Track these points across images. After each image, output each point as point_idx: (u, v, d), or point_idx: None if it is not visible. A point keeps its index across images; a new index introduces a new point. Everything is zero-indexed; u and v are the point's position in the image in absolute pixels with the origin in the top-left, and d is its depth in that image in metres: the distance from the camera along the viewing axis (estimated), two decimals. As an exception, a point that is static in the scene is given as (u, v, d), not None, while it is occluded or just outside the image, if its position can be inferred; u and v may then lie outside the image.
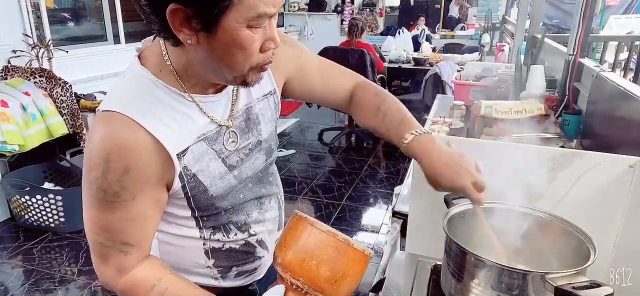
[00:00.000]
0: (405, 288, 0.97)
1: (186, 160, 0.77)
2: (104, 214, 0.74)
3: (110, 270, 0.79)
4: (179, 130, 0.76)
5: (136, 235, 0.77)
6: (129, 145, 0.71)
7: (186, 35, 0.67)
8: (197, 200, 0.82)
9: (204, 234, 0.88)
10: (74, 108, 3.23)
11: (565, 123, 1.71)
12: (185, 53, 0.73)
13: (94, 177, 0.71)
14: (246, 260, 0.95)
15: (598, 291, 0.68)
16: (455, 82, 2.56)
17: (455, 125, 2.05)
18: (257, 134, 0.89)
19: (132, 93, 0.75)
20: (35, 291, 2.42)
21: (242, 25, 0.67)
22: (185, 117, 0.77)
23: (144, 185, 0.74)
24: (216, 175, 0.82)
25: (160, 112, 0.74)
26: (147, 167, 0.73)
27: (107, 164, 0.70)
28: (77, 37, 5.07)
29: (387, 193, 3.60)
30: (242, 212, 0.90)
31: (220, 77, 0.76)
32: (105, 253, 0.77)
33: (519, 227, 0.93)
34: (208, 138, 0.80)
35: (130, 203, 0.74)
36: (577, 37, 1.81)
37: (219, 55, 0.70)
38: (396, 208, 1.35)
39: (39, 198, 2.88)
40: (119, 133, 0.70)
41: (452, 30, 7.29)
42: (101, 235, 0.76)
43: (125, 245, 0.76)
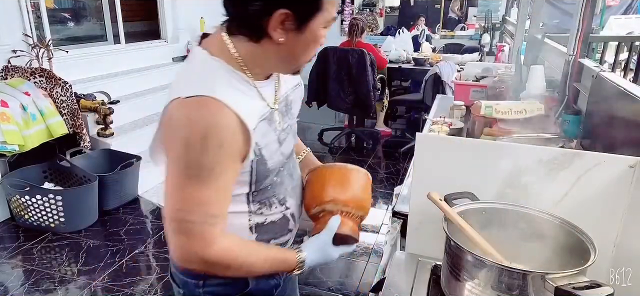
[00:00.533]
0: (405, 288, 0.97)
1: (256, 136, 0.88)
2: (198, 190, 0.82)
3: (198, 243, 0.85)
4: (250, 111, 0.87)
5: (222, 206, 0.88)
6: (221, 123, 0.80)
7: (279, 34, 0.82)
8: (258, 173, 0.93)
9: (251, 208, 0.98)
10: (74, 108, 3.24)
11: (565, 123, 1.71)
12: (262, 48, 0.86)
13: (193, 156, 0.80)
14: (282, 232, 1.06)
15: (598, 291, 0.68)
16: (455, 82, 2.56)
17: (455, 125, 2.05)
18: (291, 118, 1.04)
19: (213, 79, 0.84)
20: (35, 291, 2.42)
21: (322, 26, 0.85)
22: (251, 99, 0.89)
23: (230, 159, 0.84)
24: (273, 150, 0.94)
25: (235, 95, 0.85)
26: (234, 142, 0.83)
27: (204, 142, 0.79)
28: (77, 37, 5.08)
29: (387, 193, 3.60)
30: (282, 186, 1.02)
31: (285, 68, 0.92)
32: (193, 230, 0.84)
33: (518, 227, 0.93)
34: (267, 118, 0.93)
35: (221, 177, 0.84)
36: (577, 37, 1.82)
37: (299, 49, 0.86)
38: (396, 208, 1.35)
39: (39, 198, 2.88)
40: (214, 114, 0.80)
41: (452, 31, 7.29)
42: (194, 211, 0.83)
43: (213, 216, 0.85)
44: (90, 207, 3.04)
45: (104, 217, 3.17)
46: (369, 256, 2.76)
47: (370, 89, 4.25)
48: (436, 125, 2.00)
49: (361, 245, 2.90)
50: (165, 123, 0.84)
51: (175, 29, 5.18)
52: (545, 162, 0.98)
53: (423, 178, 1.08)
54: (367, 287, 2.43)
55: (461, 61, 4.41)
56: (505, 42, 4.22)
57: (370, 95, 4.28)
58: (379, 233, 3.02)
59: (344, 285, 2.49)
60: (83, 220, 3.03)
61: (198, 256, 0.86)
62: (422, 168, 1.08)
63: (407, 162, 4.07)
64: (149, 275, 2.57)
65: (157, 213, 3.29)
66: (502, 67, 2.61)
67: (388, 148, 4.71)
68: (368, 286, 2.42)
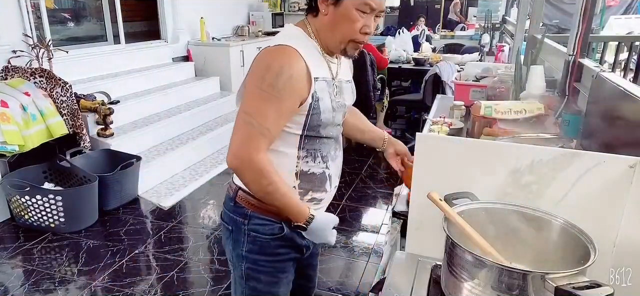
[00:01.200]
0: (405, 288, 0.97)
1: (317, 86, 1.13)
2: (264, 104, 1.08)
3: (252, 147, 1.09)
4: (315, 67, 1.13)
5: (275, 124, 1.11)
6: (294, 63, 1.08)
7: (324, 7, 1.12)
8: (313, 119, 1.15)
9: (300, 154, 1.19)
10: (74, 109, 3.23)
11: (565, 123, 1.70)
12: (319, 20, 1.15)
13: (269, 77, 1.07)
14: (320, 187, 1.25)
15: (598, 291, 0.68)
16: (455, 82, 2.56)
17: (455, 125, 2.05)
18: (343, 100, 1.25)
19: (292, 39, 1.13)
20: (35, 291, 2.42)
21: (354, 6, 1.09)
22: (318, 62, 1.16)
23: (296, 91, 1.09)
24: (327, 106, 1.16)
25: (307, 52, 1.12)
26: (300, 80, 1.09)
27: (281, 69, 1.06)
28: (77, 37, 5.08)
29: (387, 193, 3.60)
30: (327, 146, 1.23)
31: (332, 41, 1.15)
32: (252, 134, 1.09)
33: (518, 227, 0.93)
34: (327, 81, 1.17)
35: (282, 101, 1.08)
36: (577, 37, 1.81)
37: (337, 23, 1.11)
38: (396, 208, 1.35)
39: (39, 198, 2.88)
40: (290, 55, 1.08)
41: (452, 31, 7.29)
42: (257, 119, 1.08)
43: (267, 129, 1.09)
44: (90, 207, 3.04)
45: (104, 217, 3.16)
46: (369, 256, 2.76)
47: (370, 89, 4.25)
48: (436, 125, 2.00)
49: (361, 245, 2.90)
50: (254, 61, 1.12)
51: (175, 29, 5.18)
52: (545, 162, 0.98)
53: (423, 178, 1.08)
54: (367, 287, 2.43)
55: (461, 61, 4.41)
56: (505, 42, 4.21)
57: (370, 95, 4.27)
58: (379, 233, 3.02)
59: (344, 285, 2.49)
60: (83, 220, 3.03)
61: (245, 155, 1.10)
62: (422, 168, 1.08)
63: (407, 162, 4.06)
64: (149, 275, 2.57)
65: (157, 213, 3.29)
66: (502, 67, 2.61)
67: (388, 148, 4.71)
68: (368, 286, 2.42)
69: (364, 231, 3.12)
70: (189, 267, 2.64)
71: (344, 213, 3.28)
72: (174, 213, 3.29)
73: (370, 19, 1.11)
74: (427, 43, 5.90)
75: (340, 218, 3.18)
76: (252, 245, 1.24)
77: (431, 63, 4.86)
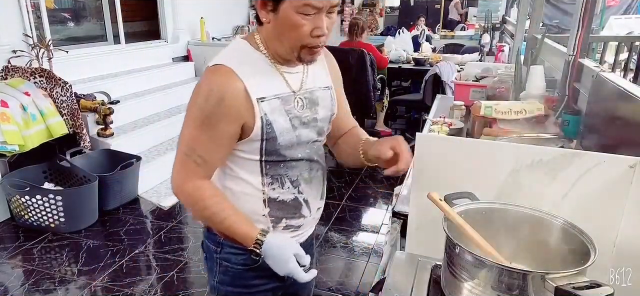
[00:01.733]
0: (405, 288, 0.97)
1: (265, 108, 1.02)
2: (195, 130, 1.01)
3: (182, 174, 1.04)
4: (263, 85, 1.03)
5: (210, 152, 1.03)
6: (226, 84, 0.99)
7: (263, 15, 1.00)
8: (268, 144, 1.05)
9: (264, 181, 1.09)
10: (74, 108, 3.23)
11: (565, 123, 1.71)
12: (265, 30, 1.03)
13: (197, 101, 1.00)
14: (294, 214, 1.14)
15: (598, 291, 0.68)
16: (455, 82, 2.56)
17: (455, 125, 2.05)
18: (315, 113, 1.12)
19: (233, 55, 1.04)
20: (35, 291, 2.42)
21: (293, 10, 0.94)
22: (269, 78, 1.05)
23: (229, 116, 1.00)
24: (284, 128, 1.05)
25: (251, 70, 1.02)
26: (234, 103, 0.99)
27: (209, 93, 0.99)
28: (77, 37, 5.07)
29: (387, 193, 3.60)
30: (296, 169, 1.11)
31: (283, 50, 1.02)
32: (185, 161, 1.04)
33: (518, 227, 0.93)
34: (282, 98, 1.05)
35: (214, 127, 1.00)
36: (577, 37, 1.81)
37: (281, 31, 0.99)
38: (396, 208, 1.35)
39: (39, 198, 2.88)
40: (221, 76, 1.00)
41: (452, 31, 7.29)
42: (188, 145, 1.03)
43: (200, 157, 1.02)
44: (90, 207, 3.04)
45: (104, 217, 3.17)
46: (369, 256, 2.76)
47: (370, 89, 4.25)
48: (436, 125, 2.00)
49: (361, 245, 2.90)
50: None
51: (175, 29, 5.18)
52: (545, 162, 0.98)
53: (423, 178, 1.08)
54: (367, 287, 2.43)
55: (461, 61, 4.41)
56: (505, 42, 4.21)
57: (370, 95, 4.27)
58: (379, 233, 3.02)
59: (344, 285, 2.49)
60: (83, 220, 3.03)
61: (177, 183, 1.05)
62: (422, 168, 1.08)
63: (407, 162, 4.06)
64: (149, 275, 2.57)
65: (157, 213, 3.29)
66: (502, 67, 2.61)
67: (388, 148, 4.70)
68: (368, 286, 2.42)
69: (364, 231, 3.12)
70: (189, 267, 2.65)
71: (344, 213, 3.28)
72: (174, 213, 3.29)
73: (320, 19, 0.96)
74: (427, 43, 5.90)
75: (340, 218, 3.22)
76: (224, 276, 1.16)
77: (431, 63, 4.86)
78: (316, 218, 1.23)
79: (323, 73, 1.16)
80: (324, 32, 0.97)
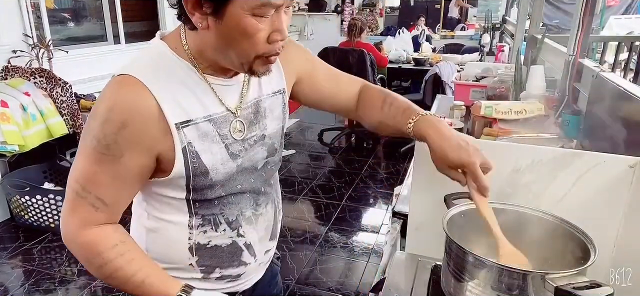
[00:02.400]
0: (405, 288, 0.97)
1: (190, 135, 0.79)
2: (90, 164, 0.77)
3: (75, 220, 0.79)
4: (186, 105, 0.78)
5: (111, 194, 0.79)
6: (132, 103, 0.74)
7: (198, 19, 0.72)
8: (196, 180, 0.82)
9: (193, 222, 0.87)
10: (74, 109, 3.23)
11: (565, 123, 1.70)
12: (199, 36, 0.77)
13: (93, 126, 0.75)
14: (231, 262, 0.92)
15: (598, 291, 0.68)
16: (455, 82, 2.56)
17: (455, 125, 2.05)
18: (263, 128, 0.90)
19: (147, 62, 0.79)
20: (35, 291, 2.42)
21: (247, 12, 0.70)
22: (196, 95, 0.80)
23: (136, 146, 0.76)
24: (218, 159, 0.82)
25: (171, 84, 0.77)
26: (143, 128, 0.75)
27: (108, 114, 0.74)
28: (77, 37, 5.07)
29: (387, 193, 3.60)
30: (235, 206, 0.89)
31: (229, 62, 0.79)
32: (77, 204, 0.79)
33: (519, 227, 0.92)
34: (215, 120, 0.82)
35: (117, 160, 0.76)
36: (577, 37, 1.81)
37: (227, 40, 0.73)
38: (396, 208, 1.35)
39: (39, 198, 2.88)
40: (126, 91, 0.74)
41: (452, 31, 7.29)
42: (80, 183, 0.78)
43: (99, 200, 0.78)
44: (90, 207, 3.04)
45: (104, 217, 3.16)
46: (369, 256, 2.76)
47: (370, 89, 4.25)
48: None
49: (361, 245, 2.90)
50: None
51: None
52: (545, 162, 0.98)
53: (423, 178, 1.08)
54: (367, 287, 2.43)
55: (461, 61, 4.41)
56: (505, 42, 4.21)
57: (370, 95, 4.28)
58: (379, 233, 3.02)
59: (344, 285, 2.49)
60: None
61: (68, 233, 0.81)
62: (422, 168, 1.08)
63: (407, 162, 4.07)
64: (149, 275, 2.57)
65: (157, 213, 3.28)
66: (502, 67, 2.61)
67: (388, 148, 4.71)
68: (368, 286, 2.42)
69: (364, 231, 3.12)
70: (189, 267, 2.64)
71: (344, 213, 3.28)
72: (174, 213, 3.28)
73: (279, 19, 0.73)
74: (427, 43, 5.91)
75: (340, 218, 3.22)
76: None
77: (431, 63, 4.86)
78: (265, 261, 1.01)
79: (274, 74, 0.90)
80: (284, 35, 0.75)
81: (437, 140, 0.85)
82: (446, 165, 0.85)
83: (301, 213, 3.28)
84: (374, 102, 0.99)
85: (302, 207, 3.38)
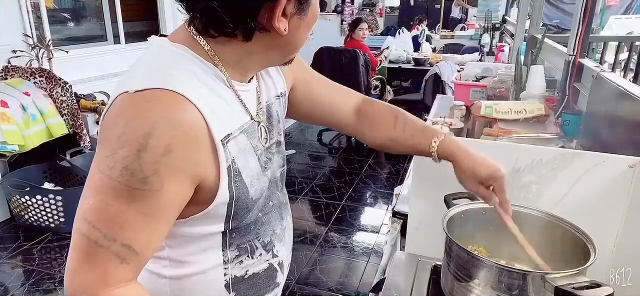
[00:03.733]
0: (405, 288, 0.97)
1: (232, 150, 0.68)
2: (117, 202, 0.60)
3: (93, 278, 0.63)
4: (223, 115, 0.67)
5: (144, 238, 0.63)
6: (178, 120, 0.60)
7: (284, 24, 0.66)
8: (238, 204, 0.71)
9: (227, 256, 0.76)
10: (74, 109, 3.23)
11: (565, 123, 1.70)
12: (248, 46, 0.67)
13: (123, 155, 0.58)
14: (267, 287, 0.85)
15: (598, 291, 0.68)
16: (455, 82, 2.56)
17: (455, 125, 2.05)
18: (277, 134, 0.83)
19: (173, 69, 0.64)
20: (35, 291, 2.42)
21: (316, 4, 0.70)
22: (227, 103, 0.69)
23: (179, 173, 0.62)
24: (254, 173, 0.73)
25: (204, 92, 0.65)
26: (189, 151, 0.62)
27: (146, 140, 0.58)
28: (77, 37, 5.07)
29: (387, 193, 3.60)
30: (268, 226, 0.82)
31: (275, 61, 0.75)
32: (96, 254, 0.62)
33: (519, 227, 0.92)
34: (247, 130, 0.72)
35: (155, 194, 0.61)
36: (577, 37, 1.81)
37: (300, 34, 0.70)
38: (396, 208, 1.35)
39: (39, 198, 2.88)
40: (167, 107, 0.60)
41: (452, 31, 7.30)
42: (101, 228, 0.61)
43: (127, 248, 0.62)
44: (90, 207, 3.04)
45: (104, 217, 3.16)
46: (369, 256, 2.76)
47: (362, 90, 4.24)
48: (436, 125, 2.00)
49: (361, 245, 2.90)
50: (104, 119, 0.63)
51: (175, 29, 5.17)
52: (545, 162, 0.98)
53: (423, 178, 1.08)
54: (367, 287, 2.43)
55: (461, 61, 4.42)
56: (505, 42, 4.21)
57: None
58: (379, 233, 3.02)
59: (344, 285, 2.49)
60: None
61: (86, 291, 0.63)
62: (422, 168, 1.08)
63: (407, 162, 4.06)
64: (149, 275, 2.57)
65: (157, 213, 3.28)
66: (502, 67, 2.61)
67: (388, 148, 4.71)
68: (368, 286, 2.42)
69: (364, 231, 3.12)
70: (189, 267, 2.64)
71: (344, 213, 3.28)
72: (174, 213, 3.28)
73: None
74: (427, 43, 5.91)
75: (340, 218, 3.21)
76: None
77: (431, 63, 4.86)
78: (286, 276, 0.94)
79: (277, 76, 0.86)
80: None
81: (465, 158, 0.87)
82: (477, 182, 0.87)
83: (301, 213, 3.28)
84: (383, 119, 0.95)
85: (302, 207, 3.38)
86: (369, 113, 0.97)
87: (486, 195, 0.88)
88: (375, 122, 0.96)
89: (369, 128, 0.97)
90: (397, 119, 0.94)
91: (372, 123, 0.97)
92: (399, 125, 0.94)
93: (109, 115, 0.63)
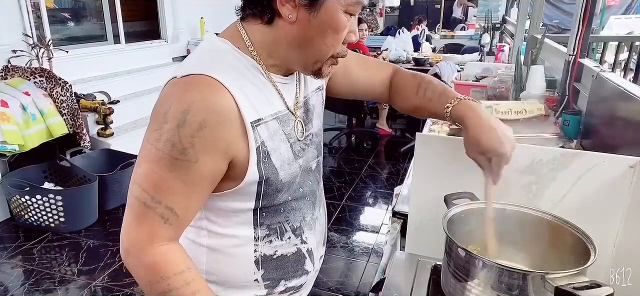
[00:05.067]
0: (405, 288, 0.97)
1: (262, 133, 0.77)
2: (160, 170, 0.71)
3: (142, 234, 0.74)
4: (256, 102, 0.76)
5: (183, 204, 0.74)
6: (211, 101, 0.71)
7: (289, 10, 0.72)
8: (267, 184, 0.80)
9: (258, 233, 0.85)
10: (74, 108, 3.24)
11: (565, 123, 1.71)
12: (272, 32, 0.76)
13: (167, 129, 0.70)
14: (295, 272, 0.91)
15: (598, 291, 0.68)
16: (455, 82, 2.56)
17: (456, 125, 2.05)
18: (313, 127, 0.90)
19: (215, 60, 0.76)
20: (35, 291, 2.42)
21: (342, 8, 0.73)
22: (262, 92, 0.78)
23: (213, 148, 0.72)
24: (285, 159, 0.81)
25: (241, 81, 0.75)
26: (222, 129, 0.72)
27: (184, 116, 0.69)
28: (77, 37, 5.07)
29: (387, 193, 3.60)
30: (299, 212, 0.89)
31: (298, 61, 0.79)
32: (144, 214, 0.73)
33: (518, 227, 0.93)
34: (280, 119, 0.81)
35: (192, 165, 0.71)
36: (577, 37, 1.82)
37: (313, 34, 0.74)
38: (396, 208, 1.35)
39: (39, 198, 2.88)
40: (202, 90, 0.71)
41: (452, 31, 7.30)
42: (149, 192, 0.72)
43: (169, 210, 0.73)
44: (90, 207, 3.04)
45: (104, 216, 3.16)
46: (369, 256, 2.76)
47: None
48: (436, 125, 2.00)
49: (361, 245, 2.90)
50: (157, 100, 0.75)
51: (175, 29, 5.18)
52: (545, 162, 0.98)
53: (423, 178, 1.08)
54: (367, 287, 2.43)
55: (461, 61, 4.42)
56: (505, 42, 4.21)
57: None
58: (379, 233, 3.02)
59: (344, 285, 2.49)
60: (83, 220, 3.03)
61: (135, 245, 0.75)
62: (422, 168, 1.08)
63: (407, 162, 4.07)
64: (149, 275, 2.57)
65: (157, 213, 3.28)
66: (502, 67, 2.61)
67: (388, 148, 4.71)
68: (368, 286, 2.42)
69: (364, 231, 3.12)
70: (189, 267, 2.64)
71: (344, 213, 3.28)
72: (174, 213, 3.28)
73: (354, 21, 0.78)
74: (427, 43, 5.90)
75: (340, 218, 3.21)
76: None
77: (431, 63, 4.86)
78: (318, 270, 0.99)
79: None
80: (358, 37, 0.80)
81: (473, 124, 0.86)
82: (477, 150, 0.86)
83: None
84: (408, 88, 1.00)
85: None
86: (398, 84, 1.03)
87: (483, 165, 0.87)
88: (402, 92, 1.02)
89: (398, 98, 1.03)
90: (420, 86, 0.98)
91: (401, 93, 1.02)
92: (420, 92, 0.98)
93: (160, 96, 0.74)
